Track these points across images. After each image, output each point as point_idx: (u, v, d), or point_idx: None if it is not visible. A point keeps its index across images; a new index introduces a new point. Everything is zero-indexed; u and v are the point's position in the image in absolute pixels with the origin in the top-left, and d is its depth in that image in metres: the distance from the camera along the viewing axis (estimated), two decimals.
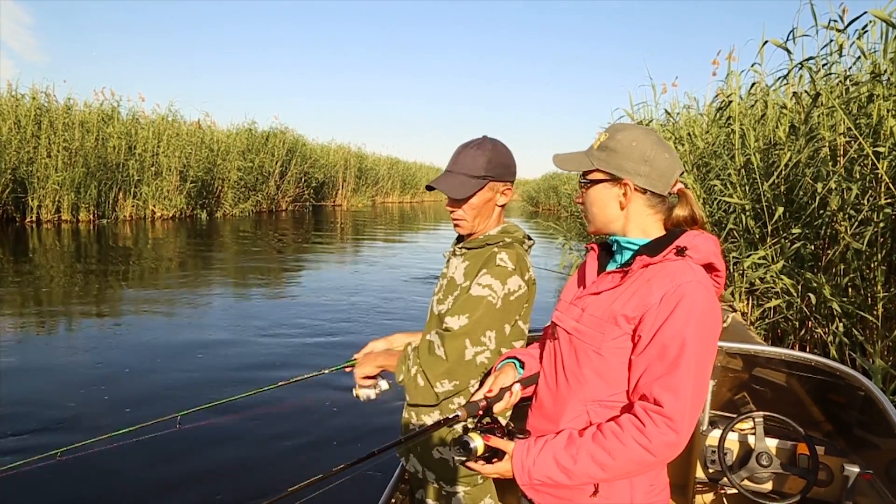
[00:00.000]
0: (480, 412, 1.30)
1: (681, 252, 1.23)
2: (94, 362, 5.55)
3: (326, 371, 2.12)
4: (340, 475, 1.17)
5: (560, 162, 1.40)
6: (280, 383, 2.22)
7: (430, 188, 1.70)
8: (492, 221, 1.74)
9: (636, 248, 1.30)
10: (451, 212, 1.72)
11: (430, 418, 1.72)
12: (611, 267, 1.37)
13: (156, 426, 2.12)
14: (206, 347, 6.16)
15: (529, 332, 1.76)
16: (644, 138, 1.29)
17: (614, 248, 1.37)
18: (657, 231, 1.33)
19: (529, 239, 1.78)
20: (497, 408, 1.34)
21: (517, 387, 1.39)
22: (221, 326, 7.02)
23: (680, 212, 1.32)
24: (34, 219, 17.02)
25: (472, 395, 1.39)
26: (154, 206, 20.53)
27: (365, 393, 1.80)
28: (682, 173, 1.35)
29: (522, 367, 1.48)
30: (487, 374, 1.53)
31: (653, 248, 1.26)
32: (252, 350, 6.12)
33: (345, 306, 8.33)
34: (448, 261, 1.83)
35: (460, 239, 1.82)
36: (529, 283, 1.67)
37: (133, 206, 19.97)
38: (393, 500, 2.24)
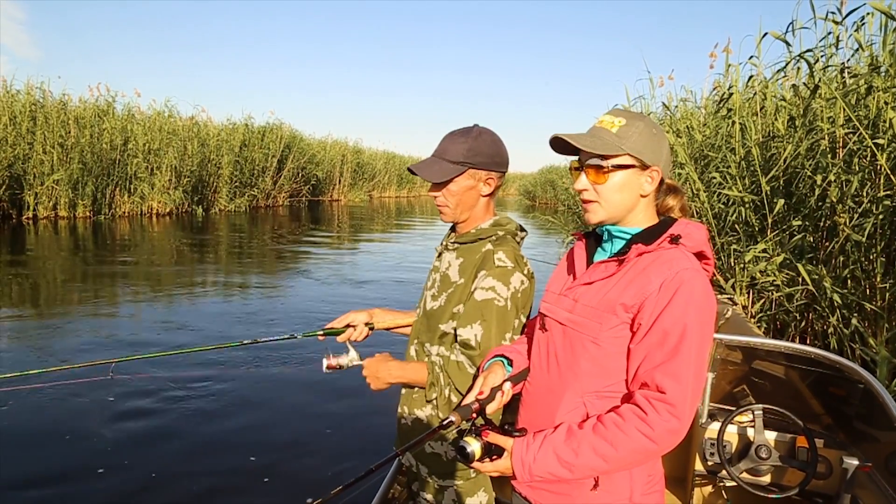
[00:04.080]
0: (474, 415, 1.28)
1: (675, 240, 1.24)
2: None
3: (299, 336, 1.96)
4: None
5: (579, 140, 1.26)
6: (245, 342, 2.00)
7: (410, 171, 1.70)
8: (479, 212, 1.73)
9: (628, 236, 1.31)
10: (434, 197, 1.71)
11: (422, 412, 1.71)
12: (600, 256, 1.36)
13: (87, 371, 1.95)
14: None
15: None
16: (657, 128, 1.30)
17: (604, 237, 1.37)
18: (654, 219, 1.34)
19: (522, 230, 1.77)
20: (489, 409, 1.32)
21: (507, 385, 1.36)
22: (196, 326, 6.80)
23: (672, 201, 1.36)
24: (31, 216, 16.95)
25: (463, 398, 1.36)
26: (151, 201, 20.45)
27: (336, 361, 1.78)
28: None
29: (510, 365, 1.46)
30: (476, 375, 1.52)
31: (647, 237, 1.27)
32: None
33: (336, 302, 8.21)
34: (440, 255, 1.82)
35: (453, 231, 1.81)
36: (529, 276, 1.67)
37: (130, 202, 19.90)
38: (392, 492, 2.24)
